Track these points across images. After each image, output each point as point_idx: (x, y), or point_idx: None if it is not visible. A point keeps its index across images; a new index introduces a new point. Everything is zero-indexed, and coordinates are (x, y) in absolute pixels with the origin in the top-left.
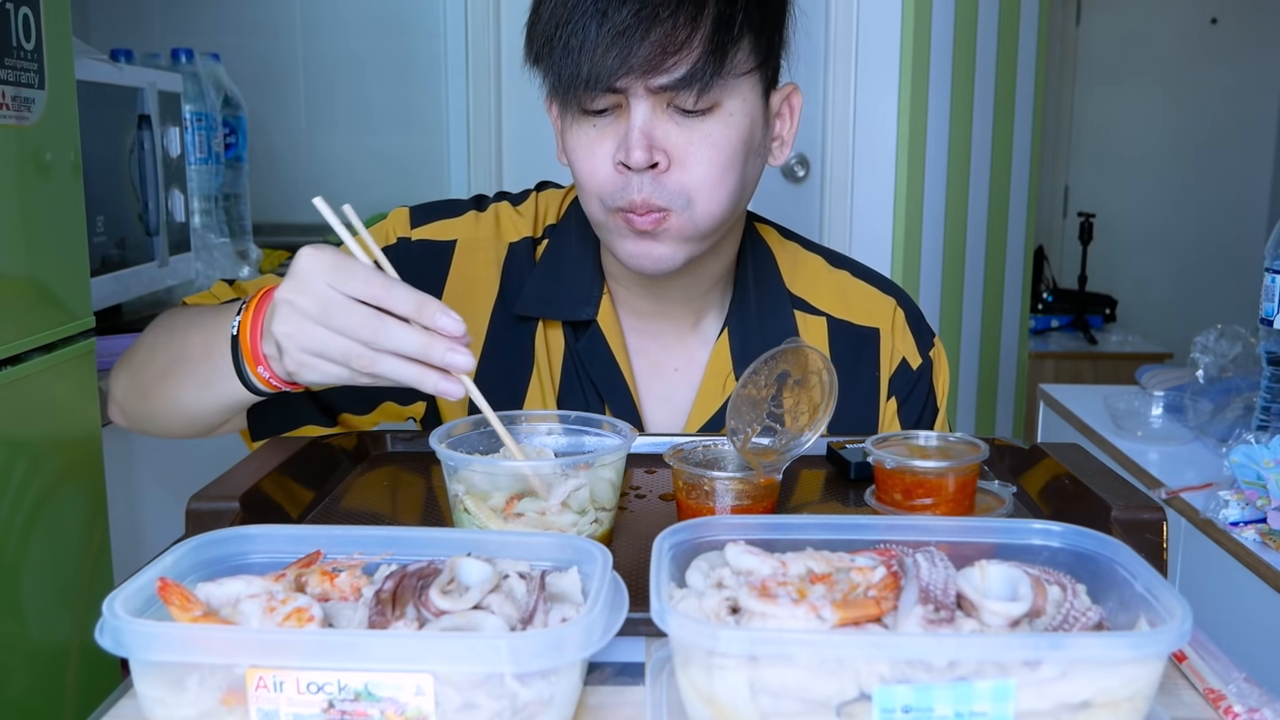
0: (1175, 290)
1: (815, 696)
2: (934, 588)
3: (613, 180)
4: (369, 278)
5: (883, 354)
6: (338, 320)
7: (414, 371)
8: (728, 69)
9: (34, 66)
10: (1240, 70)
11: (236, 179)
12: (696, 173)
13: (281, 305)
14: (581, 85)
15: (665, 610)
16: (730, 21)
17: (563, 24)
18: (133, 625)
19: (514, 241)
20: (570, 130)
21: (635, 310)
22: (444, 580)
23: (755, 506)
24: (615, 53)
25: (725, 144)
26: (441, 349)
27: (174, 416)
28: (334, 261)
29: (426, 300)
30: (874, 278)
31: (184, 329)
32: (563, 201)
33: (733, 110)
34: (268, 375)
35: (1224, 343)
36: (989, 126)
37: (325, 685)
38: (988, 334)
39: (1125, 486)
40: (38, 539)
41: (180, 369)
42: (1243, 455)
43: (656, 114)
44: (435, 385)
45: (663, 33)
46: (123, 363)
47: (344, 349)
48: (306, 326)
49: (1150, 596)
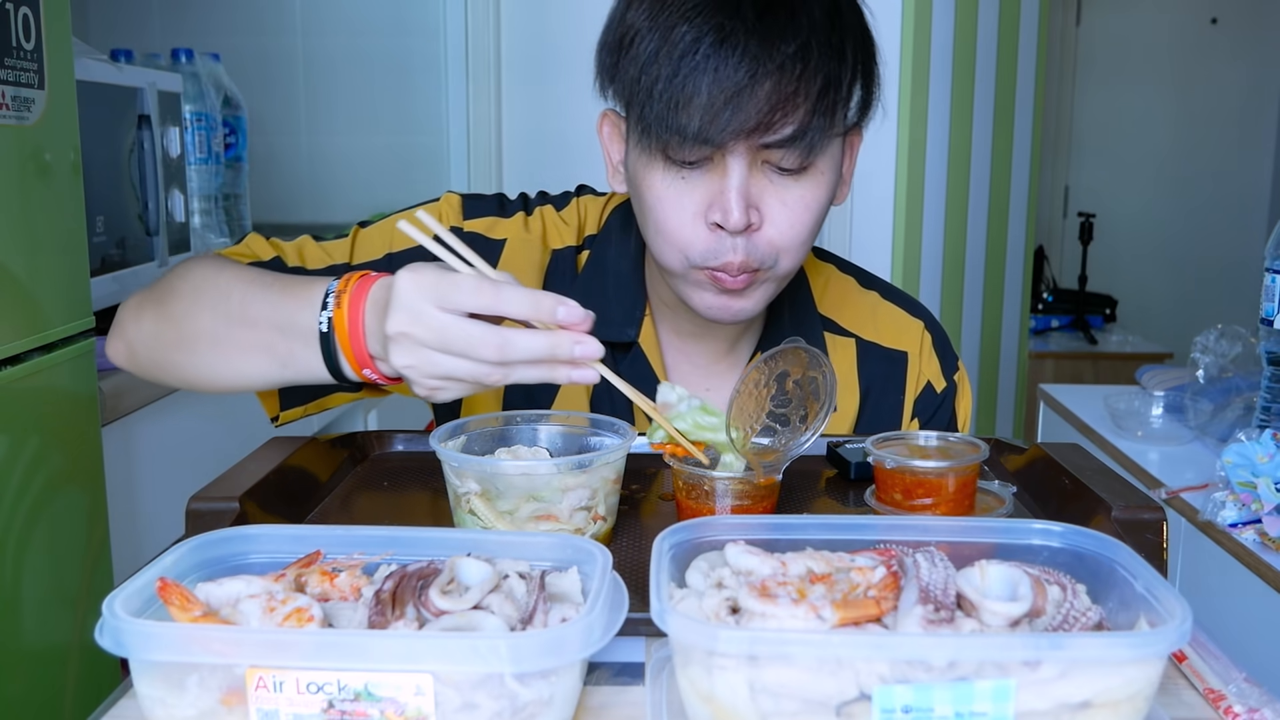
0: (1175, 290)
1: (815, 696)
2: (934, 588)
3: (704, 240)
4: (477, 288)
5: (909, 377)
6: (458, 345)
7: (544, 371)
8: (833, 129)
9: (34, 66)
10: (1240, 70)
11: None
12: (788, 233)
13: (397, 339)
14: (685, 142)
15: (665, 610)
16: (840, 81)
17: (669, 76)
18: (133, 625)
19: (558, 249)
20: (651, 175)
21: (676, 331)
22: (444, 580)
23: (755, 506)
24: (727, 113)
25: (816, 204)
26: (568, 345)
27: (218, 379)
28: (436, 281)
29: (539, 297)
30: (902, 299)
31: (241, 296)
32: (603, 211)
33: (824, 168)
34: (374, 376)
35: (1224, 343)
36: (989, 126)
37: (325, 685)
38: (988, 334)
39: (1125, 486)
40: (38, 539)
41: (243, 341)
42: (1236, 455)
43: (752, 171)
44: (568, 377)
45: (774, 92)
46: (145, 305)
47: (472, 371)
48: (429, 356)
49: (1150, 596)
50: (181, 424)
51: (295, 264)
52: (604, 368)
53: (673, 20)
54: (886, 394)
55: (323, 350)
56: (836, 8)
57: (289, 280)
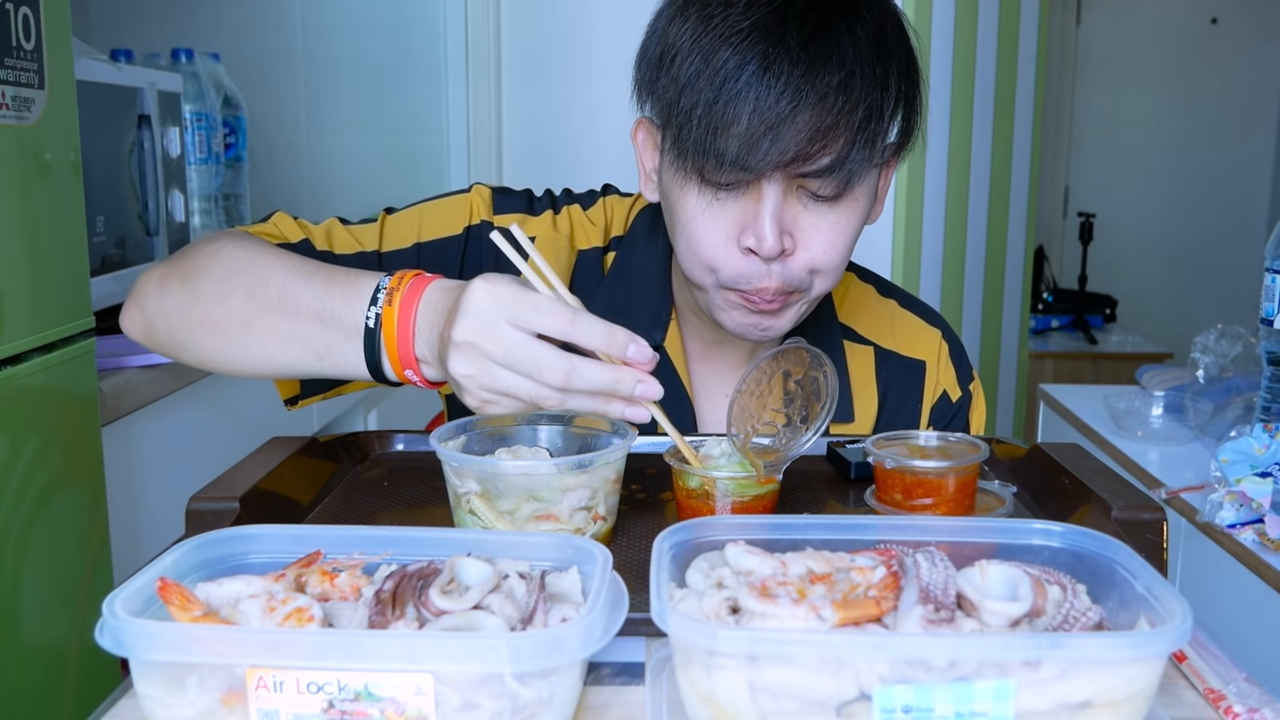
0: (1175, 290)
1: (815, 696)
2: (934, 588)
3: (736, 263)
4: (554, 311)
5: (927, 386)
6: (525, 365)
7: (599, 403)
8: (874, 159)
9: (34, 66)
10: (1241, 70)
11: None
12: (821, 259)
13: (462, 347)
14: (723, 168)
15: (665, 610)
16: (882, 112)
17: (709, 102)
18: (133, 625)
19: (584, 249)
20: (686, 195)
21: (699, 336)
22: (444, 580)
23: (756, 507)
24: (766, 142)
25: (851, 230)
26: (630, 383)
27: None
28: (514, 296)
29: (615, 331)
30: (920, 308)
31: (281, 283)
32: (629, 212)
33: (860, 195)
34: (416, 379)
35: (1224, 343)
36: (989, 126)
37: (325, 685)
38: (988, 334)
39: (1125, 486)
40: (37, 539)
41: (279, 328)
42: (1232, 453)
43: (787, 197)
44: (621, 413)
45: (815, 121)
46: (169, 280)
47: (532, 392)
48: (490, 369)
49: (1150, 596)
50: (181, 424)
51: (324, 248)
52: (657, 409)
53: (716, 44)
54: (904, 402)
55: (365, 346)
56: (884, 36)
57: (334, 271)
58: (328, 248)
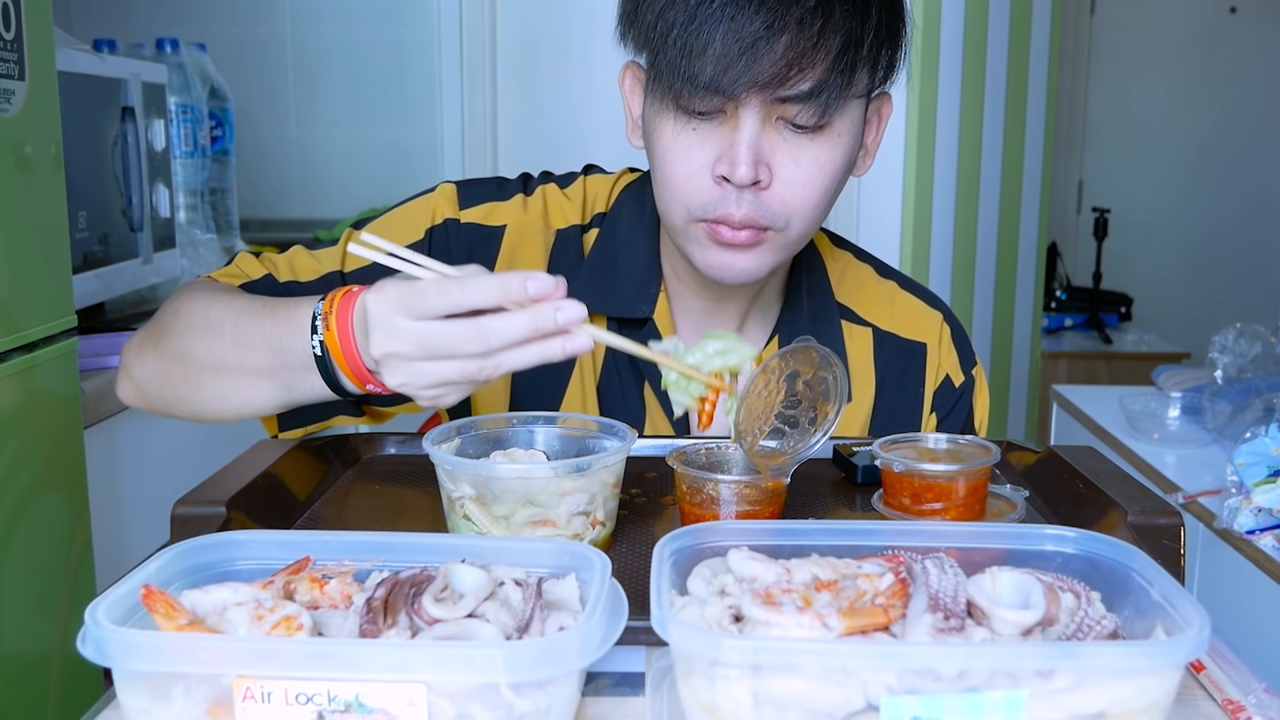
0: (1193, 288)
1: (821, 707)
2: (943, 595)
3: (707, 191)
4: (441, 287)
5: (929, 369)
6: (441, 349)
7: (535, 351)
8: (851, 89)
9: (14, 57)
10: (1260, 61)
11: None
12: (799, 194)
13: (383, 360)
14: (697, 90)
15: (666, 618)
16: (861, 40)
17: (685, 23)
18: (116, 634)
19: (562, 229)
20: (663, 125)
21: (687, 308)
22: (437, 587)
23: (761, 511)
24: (741, 63)
25: (831, 167)
26: (549, 315)
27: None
28: (400, 293)
29: (505, 278)
30: (920, 291)
31: (234, 327)
32: (613, 188)
33: (841, 131)
34: (378, 389)
35: (1243, 342)
36: (1000, 119)
37: (315, 696)
38: (999, 333)
39: (1141, 491)
40: (18, 544)
41: (244, 369)
42: (1248, 455)
43: (765, 127)
44: (562, 350)
45: (792, 45)
46: (145, 344)
47: (462, 369)
48: (416, 368)
49: (1167, 604)
50: (166, 426)
51: (288, 278)
52: (593, 328)
53: None
54: (905, 386)
55: (322, 372)
56: None
57: (277, 305)
58: (292, 277)
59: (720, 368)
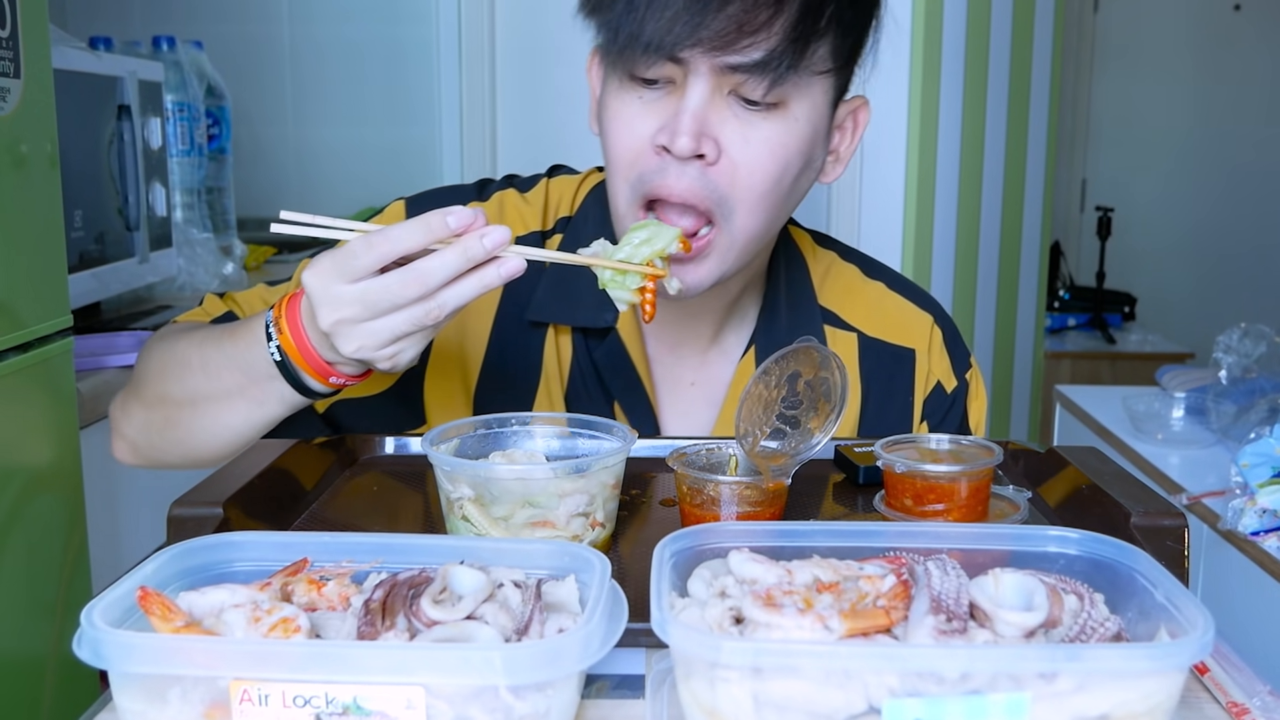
0: (1197, 287)
1: (822, 710)
2: (946, 597)
3: (646, 162)
4: (368, 245)
5: (918, 376)
6: (382, 302)
7: (474, 282)
8: (806, 64)
9: (10, 54)
10: (1265, 58)
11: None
12: (745, 176)
13: (333, 330)
14: (639, 48)
15: (666, 620)
16: (818, 12)
17: None
18: (112, 636)
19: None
20: (611, 95)
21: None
22: (436, 589)
23: (762, 513)
24: (686, 19)
25: (782, 151)
26: (476, 243)
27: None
28: (332, 259)
29: (427, 218)
30: (910, 290)
31: (200, 363)
32: (577, 190)
33: (798, 115)
34: (342, 381)
35: (1248, 342)
36: (1003, 117)
37: (312, 698)
38: (1002, 333)
39: (1145, 492)
40: (13, 546)
41: (216, 396)
42: (1252, 455)
43: (714, 99)
44: (498, 275)
45: (742, 8)
46: (128, 400)
47: (409, 318)
48: (366, 329)
49: (1171, 606)
50: None
51: (249, 314)
52: (521, 247)
53: None
54: (893, 394)
55: (285, 377)
56: None
57: (235, 327)
58: (252, 312)
59: (649, 255)
